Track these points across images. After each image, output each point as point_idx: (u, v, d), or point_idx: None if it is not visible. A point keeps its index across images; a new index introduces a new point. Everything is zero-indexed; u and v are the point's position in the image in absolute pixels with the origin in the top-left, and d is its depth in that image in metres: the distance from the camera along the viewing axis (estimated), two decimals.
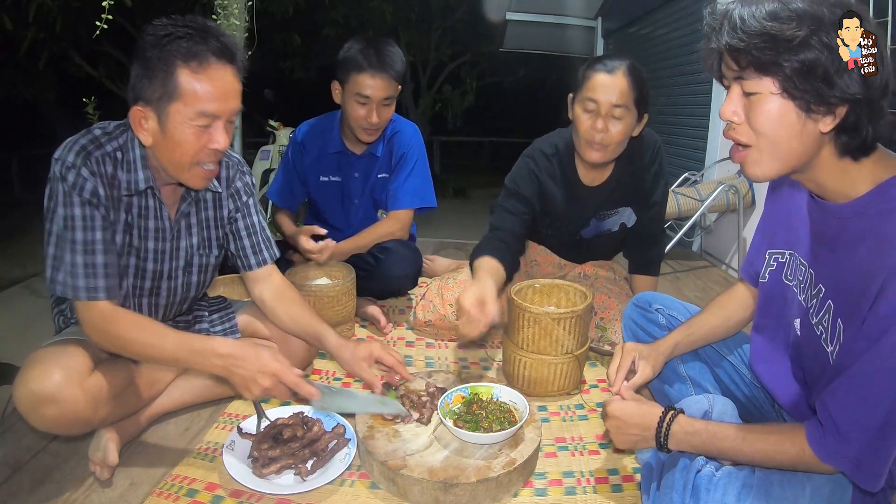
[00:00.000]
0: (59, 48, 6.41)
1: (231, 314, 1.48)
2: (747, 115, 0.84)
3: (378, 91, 1.83)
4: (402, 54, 1.90)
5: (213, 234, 1.36)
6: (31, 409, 1.08)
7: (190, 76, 1.06)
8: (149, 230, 1.23)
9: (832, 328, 0.88)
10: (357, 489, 1.17)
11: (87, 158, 1.11)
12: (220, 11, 2.64)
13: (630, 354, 1.25)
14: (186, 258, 1.31)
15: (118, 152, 1.16)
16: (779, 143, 0.83)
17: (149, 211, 1.22)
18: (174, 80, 1.06)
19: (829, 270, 0.91)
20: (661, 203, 1.79)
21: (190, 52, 1.06)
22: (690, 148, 3.72)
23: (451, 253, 2.91)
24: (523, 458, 1.16)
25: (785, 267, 1.05)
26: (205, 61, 1.07)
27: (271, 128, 4.80)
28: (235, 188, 1.37)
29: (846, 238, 0.87)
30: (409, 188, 2.04)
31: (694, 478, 0.95)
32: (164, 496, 1.12)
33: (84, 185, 1.11)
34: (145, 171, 1.17)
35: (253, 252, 1.41)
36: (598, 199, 1.75)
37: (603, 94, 1.50)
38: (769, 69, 0.79)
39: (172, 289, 1.32)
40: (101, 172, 1.13)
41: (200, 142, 1.11)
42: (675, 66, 4.02)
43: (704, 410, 1.22)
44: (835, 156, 0.83)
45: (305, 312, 1.43)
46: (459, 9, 8.75)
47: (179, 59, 1.06)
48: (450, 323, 1.86)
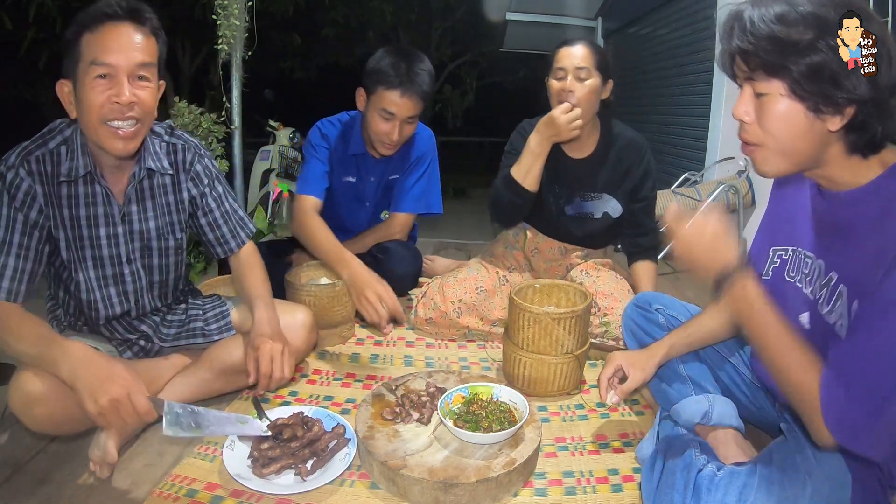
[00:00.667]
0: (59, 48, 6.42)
1: (226, 312, 1.48)
2: (757, 116, 0.85)
3: (404, 110, 1.80)
4: (433, 71, 1.86)
5: (175, 218, 1.37)
6: (25, 410, 1.10)
7: (88, 36, 1.12)
8: (98, 216, 1.25)
9: (848, 313, 0.88)
10: (357, 489, 1.17)
11: (27, 158, 1.16)
12: (220, 11, 2.65)
13: (613, 363, 1.27)
14: (143, 241, 1.32)
15: (62, 146, 1.20)
16: (787, 143, 0.84)
17: (96, 198, 1.24)
18: (79, 45, 1.12)
19: (842, 258, 0.91)
20: (649, 198, 1.92)
21: (90, 17, 1.12)
22: (690, 148, 3.72)
23: (452, 253, 2.91)
24: (523, 458, 1.16)
25: (788, 263, 1.05)
26: (101, 21, 1.12)
27: (271, 128, 4.80)
28: (195, 171, 1.38)
29: (859, 223, 0.87)
30: (416, 193, 2.05)
31: (695, 477, 0.95)
32: (164, 496, 1.12)
33: (20, 184, 1.15)
34: (85, 158, 1.20)
35: (232, 235, 1.45)
36: (582, 172, 1.89)
37: (567, 61, 1.74)
38: (777, 71, 0.80)
39: (135, 272, 1.32)
40: (39, 171, 1.17)
41: (104, 96, 1.12)
42: (676, 66, 4.02)
43: (704, 411, 1.22)
44: (844, 153, 0.85)
45: (249, 278, 1.44)
46: (459, 9, 8.75)
47: (83, 27, 1.12)
48: (450, 321, 1.86)
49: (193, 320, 1.45)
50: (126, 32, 1.13)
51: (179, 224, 1.38)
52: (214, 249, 1.46)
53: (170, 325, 1.43)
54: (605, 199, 1.90)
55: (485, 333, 1.89)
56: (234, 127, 2.92)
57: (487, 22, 7.40)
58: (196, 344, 1.43)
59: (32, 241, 1.18)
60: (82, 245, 1.24)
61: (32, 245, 1.18)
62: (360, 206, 2.11)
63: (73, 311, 1.31)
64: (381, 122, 1.82)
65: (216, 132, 2.69)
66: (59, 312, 1.33)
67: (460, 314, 1.87)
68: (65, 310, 1.32)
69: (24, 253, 1.17)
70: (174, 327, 1.43)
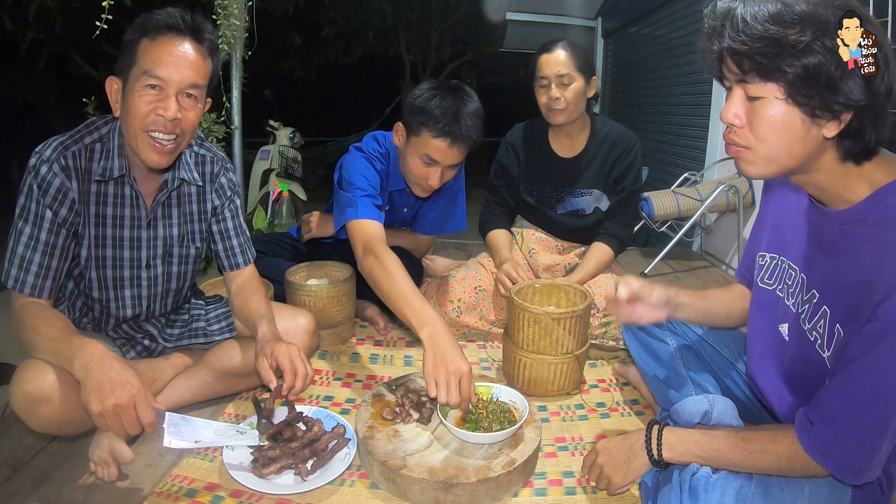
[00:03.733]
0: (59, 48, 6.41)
1: (228, 313, 1.49)
2: (749, 119, 0.82)
3: (450, 158, 1.65)
4: (482, 113, 1.66)
5: (197, 227, 1.37)
6: (27, 410, 1.09)
7: (146, 43, 1.12)
8: (125, 218, 1.25)
9: (829, 334, 0.87)
10: (357, 489, 1.17)
11: (63, 153, 1.16)
12: (220, 11, 2.65)
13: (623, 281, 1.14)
14: (165, 248, 1.32)
15: (97, 143, 1.20)
16: (779, 149, 0.81)
17: (125, 199, 1.25)
18: (136, 49, 1.13)
19: (824, 276, 0.90)
20: (630, 191, 1.93)
21: (152, 25, 1.13)
22: (690, 148, 3.72)
23: (452, 253, 2.91)
24: (523, 458, 1.16)
25: (767, 270, 1.04)
26: (161, 31, 1.12)
27: (271, 128, 4.80)
28: (220, 183, 1.39)
29: (845, 245, 0.86)
30: (443, 218, 2.02)
31: (693, 478, 0.95)
32: (164, 496, 1.12)
33: (52, 180, 1.15)
34: (120, 160, 1.21)
35: (241, 251, 1.45)
36: (572, 170, 1.94)
37: (548, 69, 1.80)
38: (772, 74, 0.77)
39: (153, 278, 1.32)
40: (75, 167, 1.17)
41: (150, 106, 1.13)
42: (676, 66, 4.02)
43: (704, 411, 1.22)
44: (837, 160, 0.82)
45: (252, 303, 1.40)
46: (459, 9, 8.73)
47: (143, 33, 1.13)
48: (450, 320, 1.86)
49: (196, 320, 1.46)
50: (184, 49, 1.13)
51: (200, 233, 1.38)
52: (221, 262, 1.45)
53: (173, 326, 1.43)
54: (597, 195, 1.94)
55: (485, 333, 1.89)
56: (234, 127, 2.93)
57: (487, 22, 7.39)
58: (198, 344, 1.44)
59: (59, 239, 1.18)
60: (104, 244, 1.25)
61: (59, 242, 1.19)
62: None
63: (81, 307, 1.31)
64: (421, 166, 1.66)
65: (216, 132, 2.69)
66: (64, 307, 1.32)
67: (460, 313, 1.87)
68: (70, 304, 1.32)
69: (49, 250, 1.18)
70: (177, 327, 1.44)
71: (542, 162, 1.95)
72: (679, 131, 3.92)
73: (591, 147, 1.92)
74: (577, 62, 1.79)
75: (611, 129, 1.93)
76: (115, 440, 1.16)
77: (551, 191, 1.97)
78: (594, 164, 1.92)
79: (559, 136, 1.95)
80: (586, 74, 1.82)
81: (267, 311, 1.39)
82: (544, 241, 2.04)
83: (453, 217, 2.03)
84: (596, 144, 1.92)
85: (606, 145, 1.91)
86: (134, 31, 1.13)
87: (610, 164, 1.91)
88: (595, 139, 1.92)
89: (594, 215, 1.97)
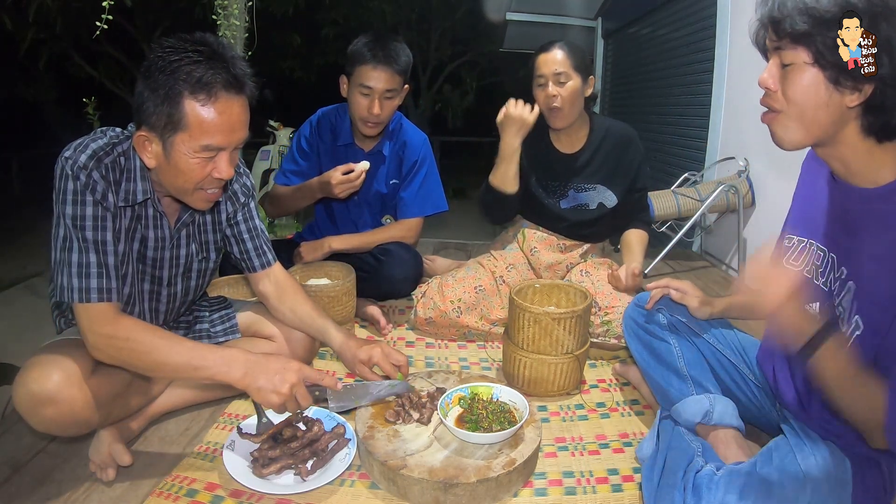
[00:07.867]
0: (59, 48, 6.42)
1: (231, 314, 1.48)
2: (782, 84, 0.90)
3: (381, 83, 1.84)
4: (408, 51, 1.92)
5: (211, 237, 1.35)
6: (31, 410, 1.07)
7: (197, 108, 1.03)
8: (148, 239, 1.22)
9: (850, 310, 0.91)
10: (357, 489, 1.17)
11: (99, 163, 1.09)
12: (220, 11, 2.65)
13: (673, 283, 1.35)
14: (186, 265, 1.31)
15: (122, 158, 1.14)
16: (806, 112, 0.88)
17: (148, 220, 1.21)
18: (181, 111, 1.03)
19: (849, 253, 0.94)
20: (645, 187, 2.02)
21: (199, 83, 1.02)
22: (690, 148, 3.71)
23: (452, 253, 2.91)
24: (523, 458, 1.16)
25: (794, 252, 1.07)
26: (213, 93, 1.04)
27: (271, 128, 4.80)
28: (233, 190, 1.37)
29: (869, 224, 0.90)
30: (421, 197, 2.08)
31: (695, 477, 0.95)
32: (164, 496, 1.12)
33: (95, 186, 1.08)
34: (143, 183, 1.15)
35: (257, 255, 1.42)
36: (575, 165, 1.96)
37: (546, 68, 1.82)
38: (803, 39, 0.85)
39: (172, 294, 1.32)
40: (109, 179, 1.11)
41: (205, 171, 1.09)
42: (676, 66, 4.02)
43: (705, 410, 1.22)
44: (860, 134, 0.88)
45: (307, 306, 1.44)
46: (459, 9, 8.75)
47: (187, 89, 1.02)
48: (450, 320, 1.86)
49: (199, 321, 1.46)
50: (238, 112, 1.08)
51: (215, 243, 1.37)
52: (240, 265, 1.43)
53: (177, 327, 1.43)
54: (600, 189, 1.97)
55: (485, 333, 1.89)
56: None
57: (487, 22, 7.39)
58: None
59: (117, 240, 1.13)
60: (128, 260, 1.19)
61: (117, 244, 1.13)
62: (353, 204, 2.10)
63: None
64: (361, 98, 1.87)
65: None
66: (66, 308, 1.28)
67: (460, 313, 1.87)
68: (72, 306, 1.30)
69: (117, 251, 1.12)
70: (182, 328, 1.44)
71: (546, 157, 1.97)
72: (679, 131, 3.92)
73: (591, 142, 1.96)
74: (574, 61, 1.81)
75: (610, 125, 1.97)
76: (114, 443, 1.16)
77: (555, 185, 1.99)
78: (595, 159, 1.95)
79: (559, 133, 1.97)
80: (583, 74, 1.83)
81: (321, 313, 1.44)
82: (546, 239, 2.04)
83: (431, 197, 2.10)
84: (596, 140, 1.95)
85: (607, 140, 1.95)
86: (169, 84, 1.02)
87: (614, 160, 1.94)
88: (595, 135, 1.96)
89: (598, 210, 1.98)
